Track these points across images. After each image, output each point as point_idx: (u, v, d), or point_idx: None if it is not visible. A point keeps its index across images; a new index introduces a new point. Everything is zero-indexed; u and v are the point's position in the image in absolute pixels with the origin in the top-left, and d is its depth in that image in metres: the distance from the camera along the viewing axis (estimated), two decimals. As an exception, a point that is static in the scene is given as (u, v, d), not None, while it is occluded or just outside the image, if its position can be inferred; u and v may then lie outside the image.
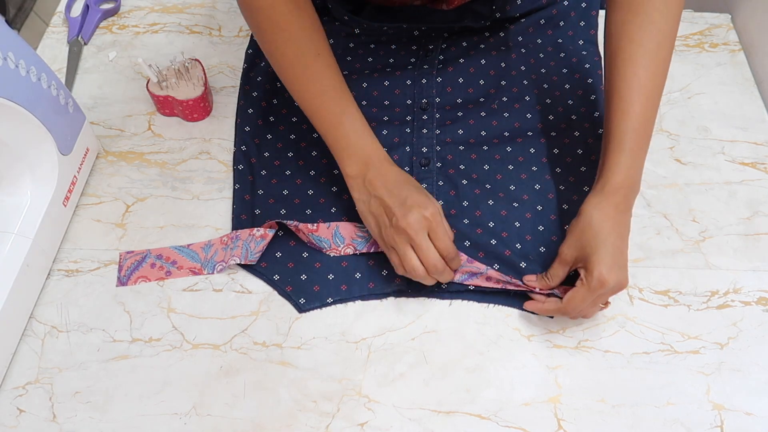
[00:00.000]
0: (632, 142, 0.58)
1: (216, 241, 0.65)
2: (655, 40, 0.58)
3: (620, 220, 0.57)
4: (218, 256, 0.64)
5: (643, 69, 0.58)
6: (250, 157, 0.71)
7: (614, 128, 0.58)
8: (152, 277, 0.63)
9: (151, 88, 0.72)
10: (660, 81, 0.59)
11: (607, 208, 0.57)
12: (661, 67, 0.59)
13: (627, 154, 0.58)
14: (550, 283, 0.59)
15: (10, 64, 0.54)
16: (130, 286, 0.63)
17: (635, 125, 0.58)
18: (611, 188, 0.57)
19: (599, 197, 0.57)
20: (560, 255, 0.58)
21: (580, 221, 0.58)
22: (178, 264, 0.63)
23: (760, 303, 0.62)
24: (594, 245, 0.55)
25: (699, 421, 0.56)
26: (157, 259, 0.63)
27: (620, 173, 0.57)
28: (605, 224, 0.56)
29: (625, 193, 0.57)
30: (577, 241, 0.57)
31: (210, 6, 0.87)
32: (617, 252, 0.56)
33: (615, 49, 0.59)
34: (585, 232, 0.56)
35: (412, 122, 0.72)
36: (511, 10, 0.79)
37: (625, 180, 0.57)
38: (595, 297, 0.55)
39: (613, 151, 0.58)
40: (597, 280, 0.54)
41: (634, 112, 0.58)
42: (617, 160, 0.58)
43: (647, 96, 0.58)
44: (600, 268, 0.54)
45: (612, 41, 0.60)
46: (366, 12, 0.79)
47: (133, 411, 0.56)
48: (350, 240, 0.63)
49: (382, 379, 0.58)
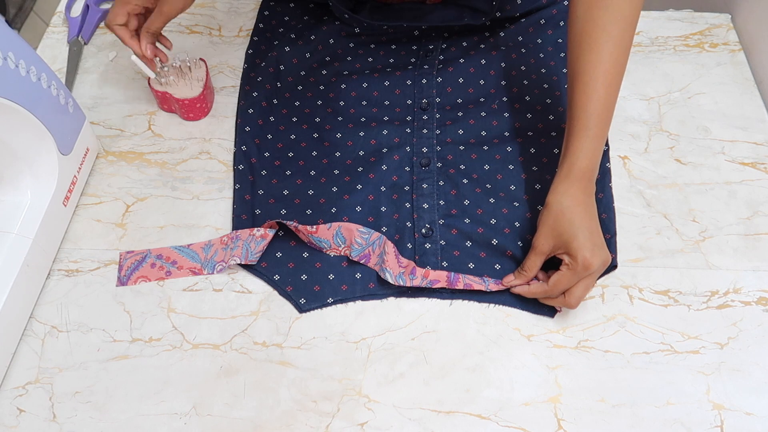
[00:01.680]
0: (596, 127, 0.59)
1: (216, 241, 0.65)
2: (619, 26, 0.59)
3: (589, 203, 0.59)
4: (218, 256, 0.64)
5: (607, 54, 0.58)
6: (251, 157, 0.71)
7: (578, 112, 0.59)
8: (152, 277, 0.63)
9: (152, 83, 0.72)
10: (622, 67, 0.60)
11: (576, 193, 0.58)
12: (624, 53, 0.60)
13: (591, 140, 0.59)
14: (528, 276, 0.60)
15: (10, 64, 0.54)
16: (130, 286, 0.63)
17: (599, 110, 0.59)
18: (578, 173, 0.58)
19: (566, 184, 0.58)
20: (536, 247, 0.59)
21: (551, 210, 0.58)
22: (179, 264, 0.63)
23: (760, 303, 0.62)
24: (571, 231, 0.56)
25: (699, 421, 0.56)
26: (158, 259, 0.63)
27: (585, 158, 0.59)
28: (577, 209, 0.57)
29: (589, 176, 0.59)
30: (552, 230, 0.58)
31: (210, 6, 0.87)
32: (594, 234, 0.57)
33: (580, 33, 0.60)
34: (559, 220, 0.57)
35: (413, 122, 0.72)
36: (511, 9, 0.79)
37: (590, 164, 0.59)
38: (580, 279, 0.56)
39: (577, 136, 0.59)
40: (582, 265, 0.55)
41: (597, 97, 0.58)
42: (581, 145, 0.59)
43: (610, 81, 0.59)
44: (583, 252, 0.55)
45: (577, 25, 0.60)
46: (366, 11, 0.79)
47: (133, 411, 0.56)
48: (351, 241, 0.63)
49: (382, 379, 0.58)
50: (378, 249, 0.62)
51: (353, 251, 0.63)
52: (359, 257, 0.63)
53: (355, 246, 0.63)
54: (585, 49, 0.59)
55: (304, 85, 0.76)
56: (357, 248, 0.63)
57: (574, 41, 0.61)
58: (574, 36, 0.60)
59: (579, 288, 0.57)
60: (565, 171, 0.59)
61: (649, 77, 0.78)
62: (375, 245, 0.62)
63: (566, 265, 0.57)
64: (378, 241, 0.63)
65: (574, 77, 0.60)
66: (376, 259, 0.62)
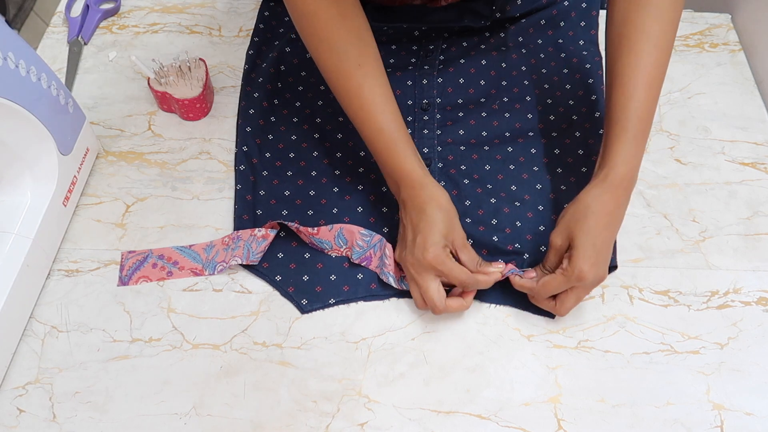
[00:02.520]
0: (636, 130, 0.57)
1: (217, 242, 0.65)
2: (659, 27, 0.57)
3: (617, 215, 0.57)
4: (219, 257, 0.64)
5: (647, 55, 0.57)
6: (252, 158, 0.70)
7: (618, 114, 0.57)
8: (153, 277, 0.63)
9: (151, 83, 0.73)
10: (663, 69, 0.58)
11: (608, 202, 0.56)
12: (664, 54, 0.58)
13: (631, 142, 0.57)
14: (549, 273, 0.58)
15: (10, 64, 0.54)
16: (131, 286, 0.63)
17: (639, 112, 0.57)
18: (615, 180, 0.56)
19: (601, 188, 0.56)
20: (552, 244, 0.58)
21: (575, 209, 0.57)
22: (180, 264, 0.63)
23: (760, 303, 0.62)
24: (581, 239, 0.55)
25: (699, 421, 0.56)
26: (159, 259, 0.63)
27: (625, 163, 0.56)
28: (601, 219, 0.55)
29: (626, 185, 0.57)
30: (568, 230, 0.56)
31: (210, 6, 0.87)
32: (604, 247, 0.55)
33: (619, 36, 0.58)
34: (578, 222, 0.55)
35: (413, 123, 0.72)
36: (512, 10, 0.79)
37: (629, 170, 0.56)
38: (571, 288, 0.56)
39: (617, 139, 0.57)
40: (577, 275, 0.54)
41: (638, 99, 0.57)
42: (621, 148, 0.56)
43: (650, 83, 0.57)
44: (582, 263, 0.54)
45: (615, 27, 0.59)
46: (366, 12, 0.79)
47: (133, 411, 0.56)
48: (353, 243, 0.63)
49: (382, 379, 0.58)
50: (379, 252, 0.62)
51: (354, 254, 0.63)
52: (360, 260, 0.63)
53: (356, 249, 0.62)
54: (624, 50, 0.58)
55: (304, 85, 0.76)
56: (358, 251, 0.62)
57: (613, 43, 0.59)
58: (613, 38, 0.59)
59: (570, 298, 0.57)
60: (602, 175, 0.57)
61: (649, 77, 0.78)
62: (376, 248, 0.62)
63: (562, 269, 0.55)
64: (379, 243, 0.63)
65: (613, 79, 0.59)
66: (377, 261, 0.62)
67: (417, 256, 0.57)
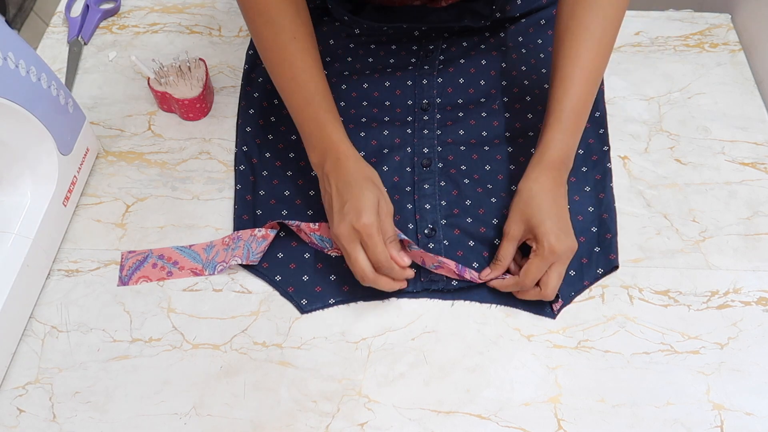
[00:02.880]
0: (570, 121, 0.61)
1: (218, 242, 0.65)
2: (601, 25, 0.60)
3: (558, 192, 0.60)
4: (219, 257, 0.64)
5: (587, 51, 0.60)
6: (252, 158, 0.70)
7: (556, 105, 0.61)
8: (153, 277, 0.63)
9: (151, 83, 0.73)
10: (602, 65, 0.62)
11: (545, 182, 0.59)
12: (604, 51, 0.62)
13: (564, 132, 0.61)
14: (504, 264, 0.60)
15: (10, 64, 0.54)
16: (131, 285, 0.63)
17: (575, 105, 0.61)
18: (548, 163, 0.60)
19: (537, 171, 0.60)
20: (507, 233, 0.60)
21: (521, 196, 0.60)
22: (180, 264, 0.63)
23: (760, 303, 0.62)
24: (539, 217, 0.57)
25: (699, 421, 0.56)
26: (159, 259, 0.64)
27: (557, 149, 0.60)
28: (546, 196, 0.59)
29: (560, 167, 0.61)
30: (521, 215, 0.59)
31: (210, 6, 0.87)
32: (561, 220, 0.58)
33: (563, 30, 0.62)
34: (528, 205, 0.59)
35: (413, 123, 0.72)
36: (512, 10, 0.79)
37: (561, 155, 0.61)
38: (549, 266, 0.57)
39: (552, 128, 0.61)
40: (548, 250, 0.56)
41: (575, 92, 0.60)
42: (555, 136, 0.61)
43: (588, 78, 0.61)
44: (549, 237, 0.56)
45: (561, 22, 0.62)
46: (366, 12, 0.79)
47: (133, 411, 0.56)
48: None
49: (382, 379, 0.58)
50: None
51: None
52: None
53: None
54: (567, 44, 0.61)
55: (304, 85, 0.76)
56: None
57: (557, 36, 0.63)
58: (558, 31, 0.62)
59: (551, 277, 0.58)
60: (536, 160, 0.61)
61: (649, 77, 0.78)
62: None
63: (534, 252, 0.58)
64: None
65: (554, 71, 0.62)
66: None
67: (348, 222, 0.56)
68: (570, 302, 0.62)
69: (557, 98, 0.61)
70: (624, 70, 0.79)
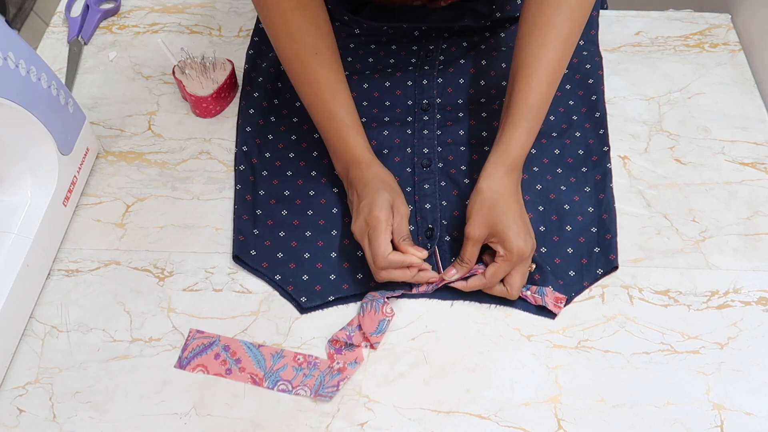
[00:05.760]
0: (532, 119, 0.61)
1: (288, 354, 0.59)
2: (568, 25, 0.60)
3: (518, 192, 0.61)
4: (286, 374, 0.58)
5: (553, 50, 0.60)
6: (252, 158, 0.70)
7: (519, 102, 0.61)
8: (211, 370, 0.58)
9: (175, 70, 0.73)
10: (565, 64, 0.62)
11: (509, 183, 0.60)
12: (568, 51, 0.62)
13: (526, 131, 0.61)
14: (469, 266, 0.60)
15: (10, 64, 0.54)
16: (188, 371, 0.59)
17: (538, 103, 0.61)
18: (512, 163, 0.60)
19: (501, 171, 0.60)
20: (470, 236, 0.59)
21: (485, 198, 0.59)
22: (242, 365, 0.58)
23: (760, 303, 0.62)
24: (505, 221, 0.57)
25: (699, 421, 0.56)
26: (224, 350, 0.59)
27: (520, 149, 0.61)
28: (510, 199, 0.59)
29: (520, 167, 0.62)
30: (486, 218, 0.58)
31: (210, 6, 0.87)
32: (525, 223, 0.59)
33: (530, 27, 0.61)
34: (493, 209, 0.58)
35: (413, 123, 0.72)
36: (511, 9, 0.79)
37: (522, 155, 0.61)
38: (514, 267, 0.58)
39: (515, 126, 0.60)
40: (517, 255, 0.57)
41: (539, 91, 0.60)
42: (518, 135, 0.60)
43: (552, 77, 0.61)
44: (517, 241, 0.57)
45: (527, 18, 0.62)
46: (366, 12, 0.79)
47: (133, 411, 0.56)
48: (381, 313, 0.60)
49: (382, 379, 0.58)
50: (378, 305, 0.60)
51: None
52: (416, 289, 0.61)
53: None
54: (533, 42, 0.61)
55: (304, 85, 0.76)
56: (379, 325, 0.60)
57: (522, 33, 0.62)
58: (524, 28, 0.62)
59: (516, 278, 0.59)
60: (501, 159, 0.60)
61: (649, 77, 0.78)
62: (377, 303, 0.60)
63: (501, 256, 0.57)
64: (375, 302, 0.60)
65: (518, 68, 0.62)
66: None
67: (362, 217, 0.58)
68: (570, 302, 0.62)
69: (522, 96, 0.60)
70: (624, 70, 0.79)
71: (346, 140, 0.63)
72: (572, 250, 0.64)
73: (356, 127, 0.64)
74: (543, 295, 0.60)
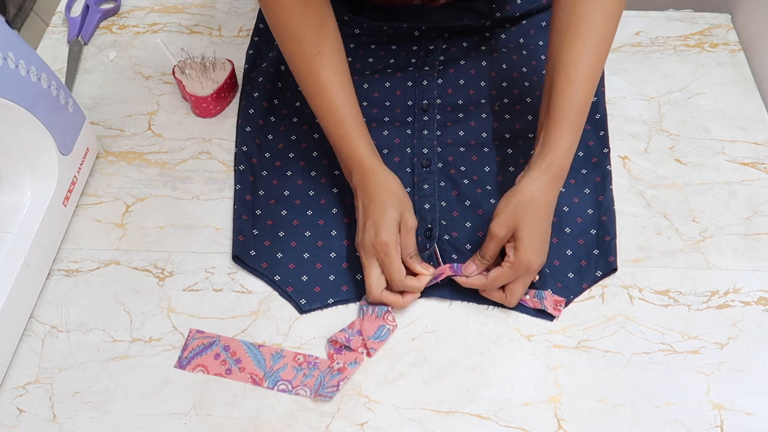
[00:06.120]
0: (577, 121, 0.58)
1: (288, 354, 0.59)
2: (605, 20, 0.58)
3: (554, 204, 0.59)
4: (286, 374, 0.58)
5: (592, 48, 0.58)
6: (252, 158, 0.70)
7: (561, 104, 0.58)
8: (212, 370, 0.58)
9: (175, 70, 0.73)
10: (604, 61, 0.60)
11: (549, 193, 0.58)
12: (607, 47, 0.60)
13: (572, 133, 0.58)
14: (488, 263, 0.59)
15: (10, 64, 0.54)
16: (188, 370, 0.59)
17: (581, 103, 0.58)
18: (558, 170, 0.58)
19: (544, 177, 0.58)
20: (495, 235, 0.57)
21: (520, 202, 0.57)
22: (242, 365, 0.58)
23: (760, 303, 0.62)
24: (528, 229, 0.56)
25: (699, 421, 0.56)
26: (224, 350, 0.59)
27: (568, 153, 0.58)
28: (544, 210, 0.57)
29: (564, 175, 0.59)
30: (513, 219, 0.57)
31: (210, 6, 0.87)
32: (546, 236, 0.58)
33: (566, 25, 0.59)
34: (524, 213, 0.56)
35: (413, 123, 0.72)
36: (512, 9, 0.79)
37: (569, 160, 0.58)
38: (518, 277, 0.57)
39: (561, 128, 0.58)
40: (525, 265, 0.56)
41: (581, 90, 0.58)
42: (563, 137, 0.58)
43: (593, 75, 0.59)
44: (529, 253, 0.55)
45: (562, 17, 0.60)
46: (366, 12, 0.79)
47: (133, 411, 0.56)
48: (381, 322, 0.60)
49: (382, 379, 0.58)
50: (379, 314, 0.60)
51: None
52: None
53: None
54: (570, 40, 0.59)
55: (304, 85, 0.76)
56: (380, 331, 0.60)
57: (558, 32, 0.60)
58: (559, 27, 0.60)
59: (518, 286, 0.58)
60: (546, 164, 0.58)
61: (649, 77, 0.78)
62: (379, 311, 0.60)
63: (509, 262, 0.56)
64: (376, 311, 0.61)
65: (557, 68, 0.59)
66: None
67: (368, 239, 0.58)
68: (569, 303, 0.62)
69: (564, 97, 0.58)
70: (624, 70, 0.79)
71: (349, 143, 0.62)
72: (571, 252, 0.64)
73: (360, 130, 0.62)
74: (542, 299, 0.60)
